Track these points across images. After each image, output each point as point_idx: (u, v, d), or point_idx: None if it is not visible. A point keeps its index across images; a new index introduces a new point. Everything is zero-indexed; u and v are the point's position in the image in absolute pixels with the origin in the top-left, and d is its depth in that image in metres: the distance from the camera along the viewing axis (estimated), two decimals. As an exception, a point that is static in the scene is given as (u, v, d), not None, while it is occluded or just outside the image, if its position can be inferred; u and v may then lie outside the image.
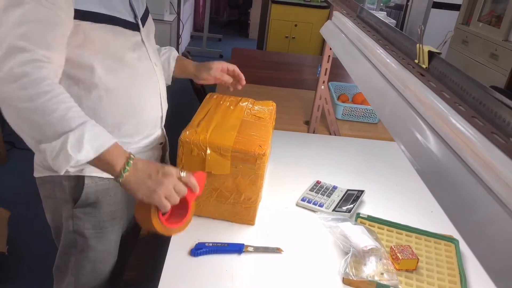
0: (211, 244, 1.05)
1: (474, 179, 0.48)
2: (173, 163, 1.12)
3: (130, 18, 1.00)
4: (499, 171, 0.44)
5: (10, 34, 0.78)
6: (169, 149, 1.23)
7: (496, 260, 0.41)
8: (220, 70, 1.26)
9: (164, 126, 1.18)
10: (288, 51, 4.54)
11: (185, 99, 2.68)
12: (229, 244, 1.06)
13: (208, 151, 1.07)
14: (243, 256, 1.05)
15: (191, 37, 6.32)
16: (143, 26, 1.05)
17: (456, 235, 1.17)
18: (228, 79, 1.28)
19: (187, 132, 1.10)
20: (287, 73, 2.70)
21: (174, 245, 1.05)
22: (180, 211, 0.92)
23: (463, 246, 1.14)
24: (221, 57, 5.28)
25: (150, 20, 1.13)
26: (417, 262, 1.05)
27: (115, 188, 1.06)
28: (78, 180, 1.01)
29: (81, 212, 1.05)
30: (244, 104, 1.31)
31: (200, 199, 1.14)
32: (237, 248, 1.05)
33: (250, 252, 1.06)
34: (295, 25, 4.55)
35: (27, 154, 0.97)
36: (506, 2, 2.89)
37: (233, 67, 1.28)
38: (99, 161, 0.83)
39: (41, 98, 0.77)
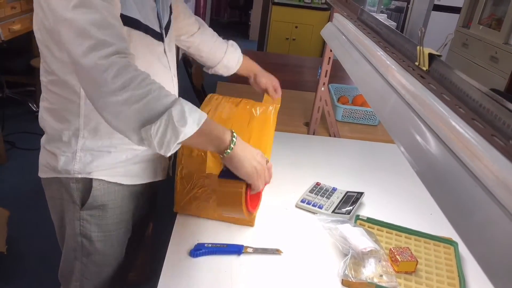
0: (210, 245, 1.05)
1: (473, 182, 0.48)
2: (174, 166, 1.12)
3: (157, 28, 0.99)
4: (499, 174, 0.44)
5: (89, 29, 0.76)
6: (173, 158, 1.23)
7: (495, 262, 0.41)
8: (272, 86, 1.43)
9: None
10: (289, 53, 4.54)
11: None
12: (228, 245, 1.06)
13: (208, 153, 1.07)
14: (243, 257, 1.05)
15: (192, 38, 6.32)
16: (166, 36, 1.04)
17: (455, 237, 1.17)
18: (271, 94, 1.43)
19: None
20: (287, 75, 2.70)
21: (174, 245, 1.05)
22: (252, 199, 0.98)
23: (463, 248, 1.14)
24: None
25: (172, 30, 1.11)
26: (416, 264, 1.05)
27: (123, 191, 1.07)
28: (86, 183, 1.01)
29: (88, 215, 1.05)
30: (244, 105, 1.31)
31: (199, 200, 1.14)
32: (237, 249, 1.05)
33: (250, 253, 1.06)
34: (296, 27, 4.56)
35: (27, 154, 0.98)
36: (506, 5, 2.90)
37: (279, 88, 1.45)
38: (203, 136, 0.83)
39: (133, 82, 0.76)
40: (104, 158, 1.00)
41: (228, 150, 0.86)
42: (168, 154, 0.82)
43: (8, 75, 3.33)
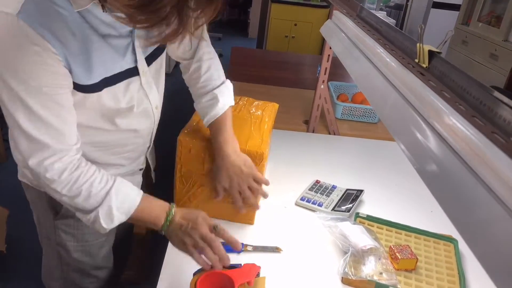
0: (210, 243, 1.04)
1: (474, 179, 0.48)
2: (166, 177, 1.12)
3: (129, 64, 0.90)
4: (499, 171, 0.44)
5: (27, 128, 0.78)
6: (154, 175, 1.22)
7: (495, 260, 0.41)
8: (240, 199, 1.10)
9: (162, 127, 1.17)
10: (288, 50, 4.53)
11: (183, 99, 2.68)
12: (228, 243, 1.05)
13: (207, 151, 1.07)
14: (242, 255, 1.04)
15: (191, 36, 6.30)
16: (149, 65, 0.95)
17: (455, 235, 1.17)
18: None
19: (186, 131, 1.10)
20: (286, 73, 2.69)
21: (173, 244, 1.05)
22: None
23: (463, 246, 1.14)
24: (221, 56, 5.28)
25: (162, 56, 1.01)
26: (416, 262, 1.05)
27: None
28: None
29: (63, 224, 1.03)
30: (243, 103, 1.31)
31: (198, 199, 1.13)
32: (236, 247, 1.05)
33: (249, 251, 1.06)
34: (295, 24, 4.54)
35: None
36: (506, 2, 2.89)
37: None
38: (134, 221, 0.91)
39: (64, 188, 0.83)
40: None
41: (163, 232, 0.92)
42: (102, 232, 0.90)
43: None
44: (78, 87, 0.81)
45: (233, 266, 0.91)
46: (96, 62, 0.81)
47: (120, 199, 0.86)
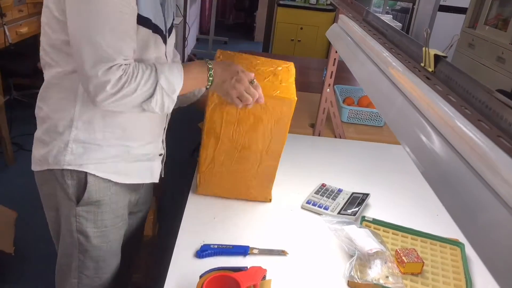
0: (216, 246, 1.05)
1: (480, 183, 0.48)
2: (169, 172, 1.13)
3: (162, 28, 1.01)
4: (505, 174, 0.44)
5: (100, 40, 0.85)
6: (165, 160, 1.23)
7: (502, 264, 0.41)
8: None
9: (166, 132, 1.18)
10: (294, 54, 4.54)
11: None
12: (234, 246, 1.06)
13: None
14: (248, 258, 1.05)
15: (197, 40, 6.34)
16: (168, 37, 1.06)
17: (461, 238, 1.17)
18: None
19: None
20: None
21: (180, 246, 1.06)
22: None
23: (469, 250, 1.13)
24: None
25: (173, 34, 1.13)
26: (423, 266, 1.04)
27: (117, 187, 1.07)
28: (81, 179, 1.02)
29: (84, 211, 1.05)
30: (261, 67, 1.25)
31: (218, 176, 1.20)
32: (242, 250, 1.05)
33: (255, 254, 1.06)
34: (301, 28, 4.56)
35: (35, 155, 1.00)
36: (513, 6, 2.88)
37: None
38: (188, 85, 0.99)
39: (125, 83, 0.89)
40: (95, 151, 1.01)
41: (209, 83, 1.02)
42: (170, 111, 0.99)
43: (15, 78, 3.36)
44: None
45: (239, 269, 0.91)
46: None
47: (167, 68, 0.95)
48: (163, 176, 1.21)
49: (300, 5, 4.55)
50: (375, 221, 1.21)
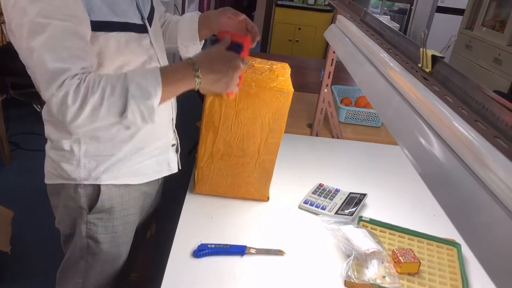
0: (213, 246, 1.05)
1: (476, 183, 0.48)
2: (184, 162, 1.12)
3: (138, 20, 0.97)
4: (501, 175, 0.44)
5: (45, 58, 0.79)
6: (180, 150, 1.24)
7: (498, 264, 0.41)
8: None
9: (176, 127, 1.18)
10: (292, 54, 4.55)
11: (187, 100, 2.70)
12: (231, 246, 1.06)
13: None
14: (245, 258, 1.05)
15: (195, 39, 6.32)
16: (150, 26, 1.02)
17: (458, 239, 1.17)
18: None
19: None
20: (290, 76, 2.70)
21: (177, 246, 1.06)
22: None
23: (465, 250, 1.14)
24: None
25: (156, 19, 1.09)
26: (419, 266, 1.05)
27: (130, 193, 1.08)
28: (95, 189, 1.02)
29: (95, 218, 1.05)
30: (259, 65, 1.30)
31: (218, 176, 1.20)
32: (240, 250, 1.05)
33: (252, 254, 1.06)
34: (299, 28, 4.56)
35: (31, 154, 0.99)
36: (510, 7, 2.89)
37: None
38: (170, 87, 0.86)
39: (88, 92, 0.80)
40: (108, 162, 1.01)
41: (197, 84, 0.89)
42: (155, 120, 0.86)
43: (13, 76, 3.34)
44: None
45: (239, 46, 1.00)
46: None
47: (140, 73, 0.84)
48: (180, 168, 1.22)
49: (298, 5, 4.56)
50: (372, 221, 1.21)
